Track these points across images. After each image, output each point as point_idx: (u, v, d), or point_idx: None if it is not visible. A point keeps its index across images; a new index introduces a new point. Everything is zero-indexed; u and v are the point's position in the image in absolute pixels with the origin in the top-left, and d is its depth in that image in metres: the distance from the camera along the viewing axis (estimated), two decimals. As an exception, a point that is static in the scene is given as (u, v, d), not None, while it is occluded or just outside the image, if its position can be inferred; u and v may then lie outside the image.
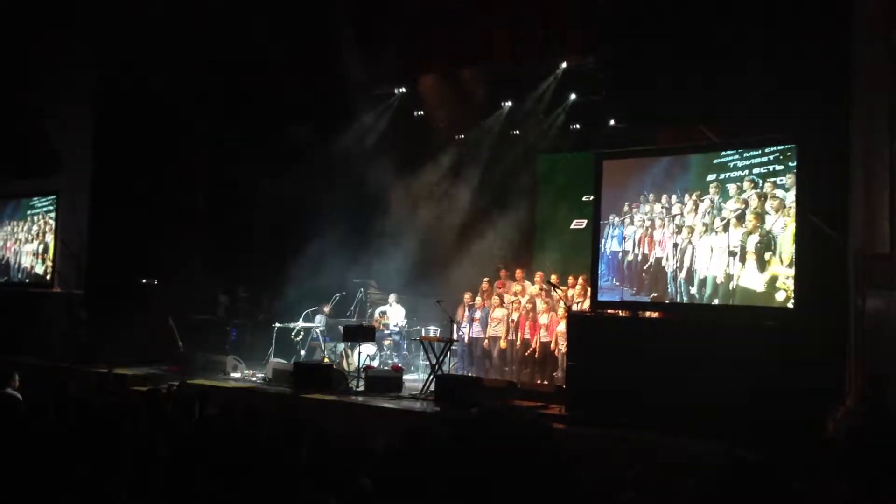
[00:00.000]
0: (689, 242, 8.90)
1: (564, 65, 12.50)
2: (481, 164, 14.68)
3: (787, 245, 8.15)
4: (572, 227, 13.47)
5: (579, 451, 7.35)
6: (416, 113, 14.72)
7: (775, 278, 8.21)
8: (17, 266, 15.46)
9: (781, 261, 8.18)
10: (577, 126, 13.80)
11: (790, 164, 8.27)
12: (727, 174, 8.72)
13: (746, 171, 8.59)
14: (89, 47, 14.76)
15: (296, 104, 13.65)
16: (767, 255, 8.28)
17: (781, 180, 8.30)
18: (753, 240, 8.40)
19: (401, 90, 14.26)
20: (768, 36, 8.72)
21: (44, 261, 14.87)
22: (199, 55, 13.63)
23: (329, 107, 13.89)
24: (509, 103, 14.13)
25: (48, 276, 14.70)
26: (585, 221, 12.72)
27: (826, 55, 8.48)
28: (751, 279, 8.38)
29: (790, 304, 8.07)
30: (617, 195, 9.59)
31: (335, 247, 13.47)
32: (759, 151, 8.54)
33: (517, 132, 14.52)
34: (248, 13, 13.05)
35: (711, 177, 8.84)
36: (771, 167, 8.42)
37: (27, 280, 15.15)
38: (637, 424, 7.99)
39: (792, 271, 8.08)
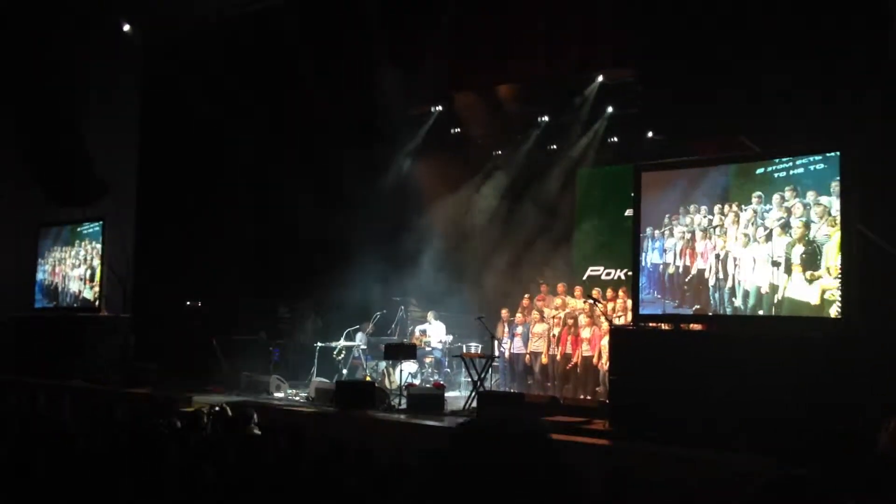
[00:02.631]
0: (731, 253, 8.77)
1: (601, 78, 12.48)
2: (519, 180, 14.68)
3: (833, 254, 7.98)
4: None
5: (623, 467, 7.28)
6: (452, 130, 14.78)
7: (822, 288, 8.03)
8: (65, 291, 15.76)
9: (828, 270, 8.00)
10: (616, 139, 13.75)
11: (834, 172, 8.12)
12: (769, 184, 8.58)
13: (789, 181, 8.43)
14: (133, 72, 15.11)
15: (335, 125, 13.78)
16: (813, 265, 8.12)
17: (825, 189, 8.14)
18: (798, 249, 8.24)
19: (437, 108, 14.33)
20: (809, 43, 8.60)
21: (91, 286, 15.15)
22: (242, 79, 13.84)
23: (368, 125, 14.00)
24: (546, 118, 14.12)
25: (96, 301, 14.96)
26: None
27: (869, 60, 8.34)
28: (797, 289, 8.22)
29: (838, 315, 7.90)
30: (657, 207, 9.49)
31: (375, 265, 13.54)
32: (802, 160, 8.39)
33: (555, 147, 14.51)
34: (286, 35, 13.23)
35: (753, 186, 8.70)
36: (814, 176, 8.26)
37: (75, 305, 15.44)
38: (682, 439, 7.87)
39: (839, 280, 7.91)
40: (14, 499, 4.63)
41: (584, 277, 13.60)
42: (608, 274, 13.42)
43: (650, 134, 12.54)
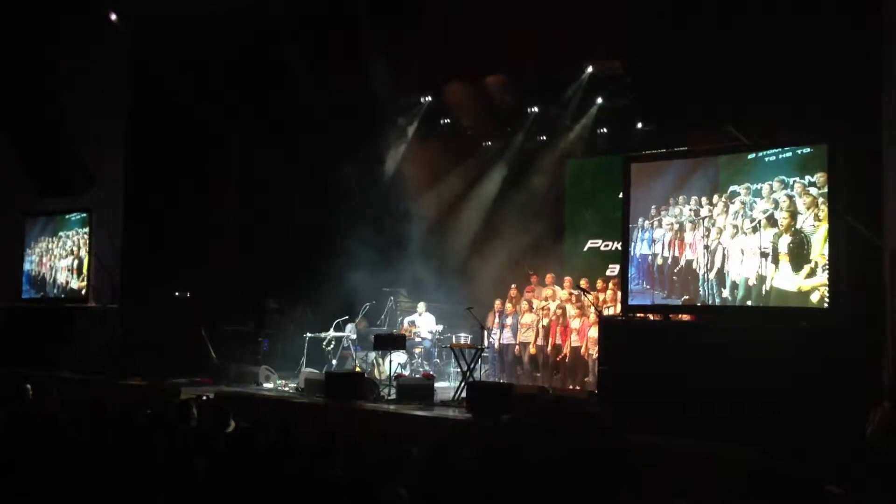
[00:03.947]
0: (720, 244, 8.80)
1: (590, 69, 12.47)
2: (509, 171, 14.68)
3: (820, 245, 8.03)
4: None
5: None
6: (442, 121, 14.77)
7: (809, 278, 8.09)
8: (52, 282, 15.69)
9: (815, 261, 8.05)
10: (605, 130, 13.77)
11: (821, 163, 8.16)
12: (757, 175, 8.61)
13: (777, 172, 8.46)
14: (119, 62, 15.01)
15: (324, 114, 13.74)
16: (800, 256, 8.16)
17: (813, 180, 8.18)
18: (785, 240, 8.28)
19: (427, 98, 14.30)
20: (798, 35, 8.63)
21: (79, 276, 15.08)
22: (230, 70, 13.78)
23: (357, 116, 13.97)
24: (536, 109, 14.12)
25: (83, 291, 14.91)
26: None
27: (857, 54, 8.37)
28: (784, 280, 8.27)
29: (825, 305, 7.95)
30: (645, 198, 9.51)
31: (365, 256, 13.53)
32: (790, 151, 8.42)
33: (544, 137, 14.51)
34: (276, 24, 13.16)
35: (741, 177, 8.73)
36: (802, 167, 8.30)
37: (62, 295, 15.37)
38: (670, 429, 7.91)
39: (826, 271, 7.96)
40: (3, 491, 4.62)
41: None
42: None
43: (640, 125, 12.56)
